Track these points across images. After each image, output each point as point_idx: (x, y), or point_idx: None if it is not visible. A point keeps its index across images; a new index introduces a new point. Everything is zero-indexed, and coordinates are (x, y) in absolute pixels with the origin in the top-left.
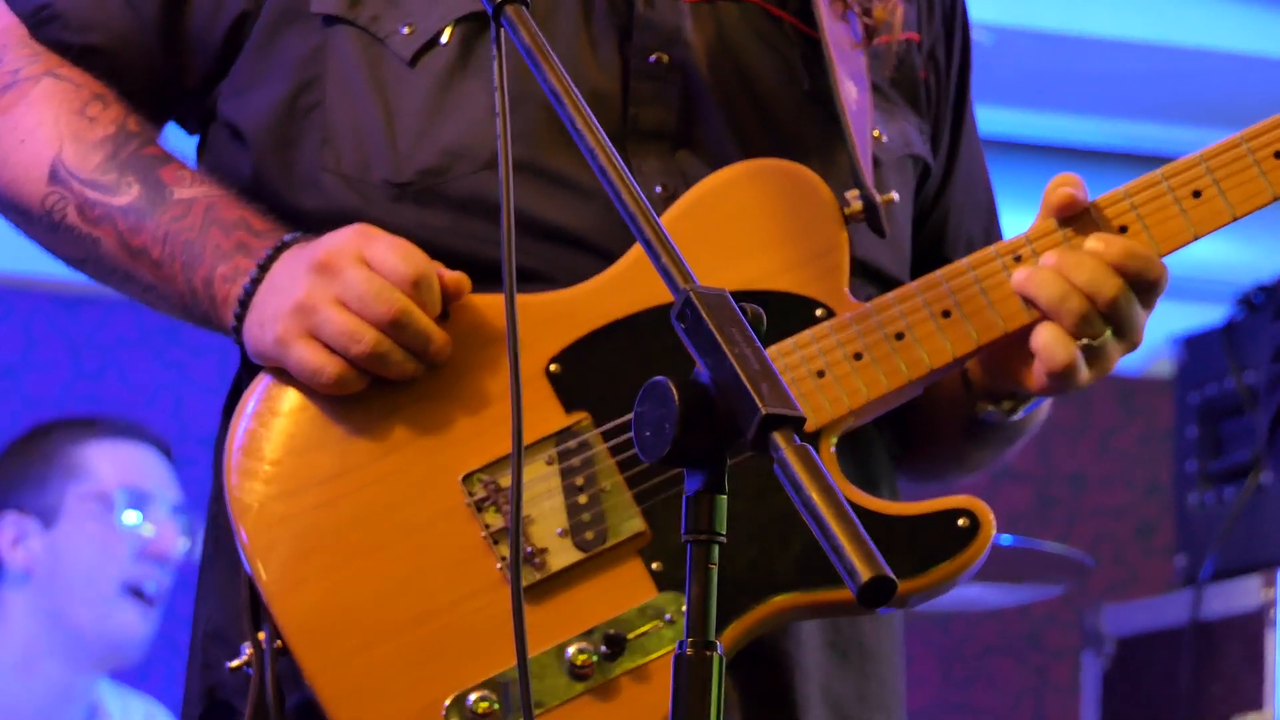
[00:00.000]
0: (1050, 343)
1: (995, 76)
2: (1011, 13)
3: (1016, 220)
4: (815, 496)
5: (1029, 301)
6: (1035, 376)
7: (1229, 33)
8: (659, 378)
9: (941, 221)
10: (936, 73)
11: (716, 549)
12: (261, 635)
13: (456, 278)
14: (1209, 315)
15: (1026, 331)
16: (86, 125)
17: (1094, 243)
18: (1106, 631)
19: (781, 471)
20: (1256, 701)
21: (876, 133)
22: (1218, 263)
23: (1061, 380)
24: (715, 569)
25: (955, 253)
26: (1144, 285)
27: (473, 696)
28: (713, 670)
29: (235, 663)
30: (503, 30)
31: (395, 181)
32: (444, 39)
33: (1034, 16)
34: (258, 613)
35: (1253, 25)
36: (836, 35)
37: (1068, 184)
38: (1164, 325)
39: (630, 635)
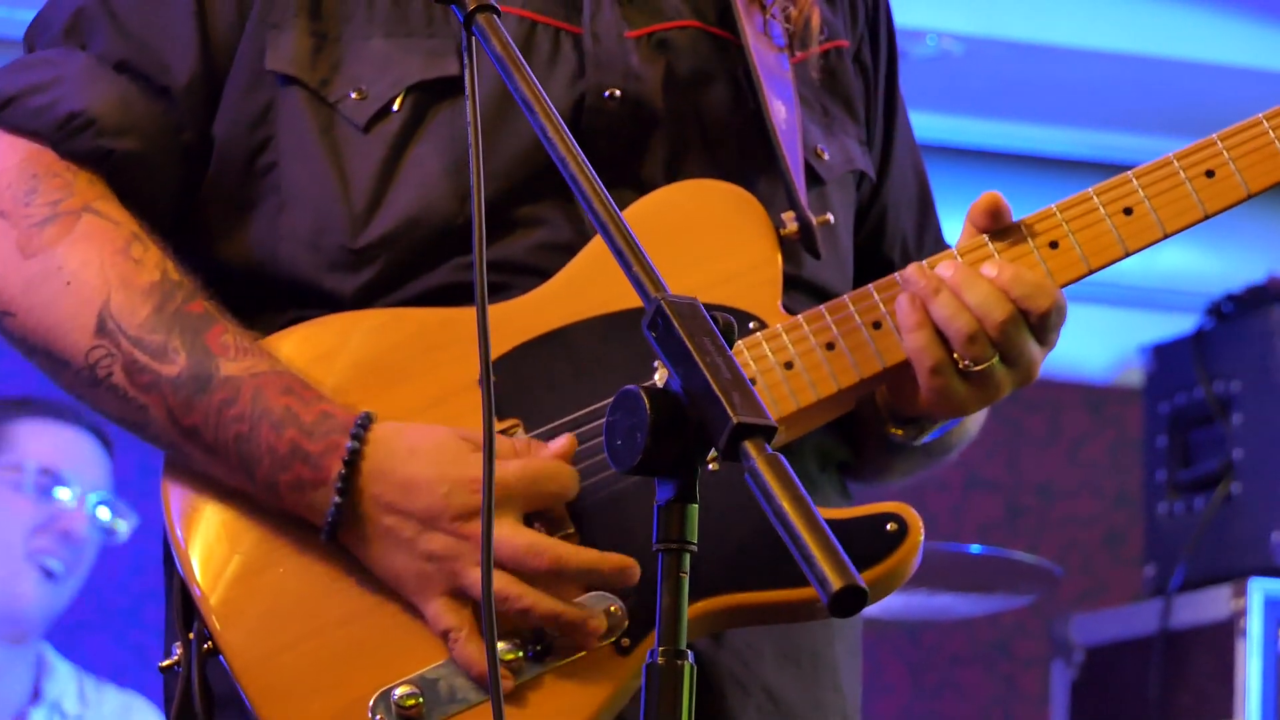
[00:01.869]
0: (919, 348)
1: (965, 86)
2: (981, 22)
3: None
4: (786, 506)
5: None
6: (918, 393)
7: (1199, 42)
8: (630, 386)
9: (879, 220)
10: (865, 76)
11: (688, 558)
12: (191, 635)
13: (565, 449)
14: (1179, 325)
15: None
16: (133, 268)
17: (989, 267)
18: (1076, 641)
19: (753, 480)
20: (1226, 711)
21: (818, 150)
22: (1187, 273)
23: (939, 391)
24: (686, 578)
25: (893, 250)
26: (1033, 314)
27: (398, 691)
28: (684, 679)
29: (165, 662)
30: (474, 39)
31: (351, 248)
32: (396, 106)
33: (1003, 26)
34: (189, 613)
35: (1222, 35)
36: (763, 54)
37: (991, 195)
38: (1134, 334)
39: (559, 635)
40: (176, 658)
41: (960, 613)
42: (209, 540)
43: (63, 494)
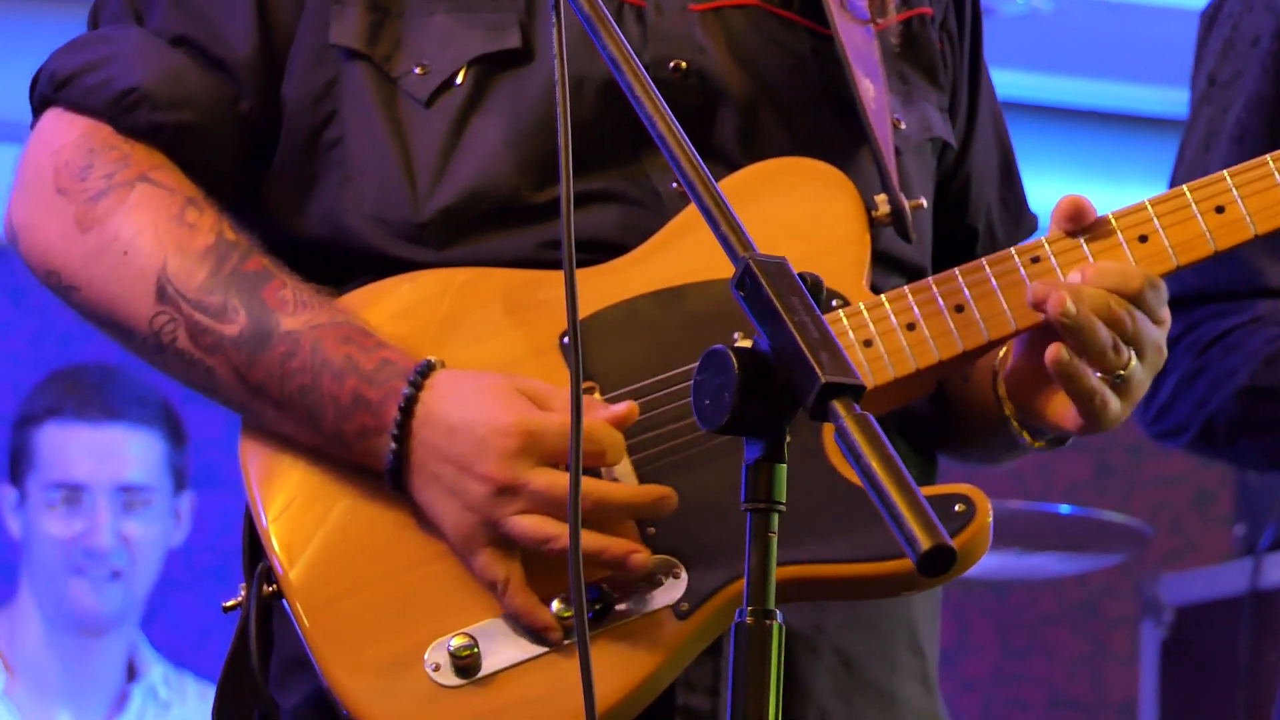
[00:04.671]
0: (1082, 391)
1: (1054, 44)
2: None
3: (1079, 188)
4: (875, 465)
5: (1064, 337)
6: (1074, 419)
7: None
8: (718, 346)
9: (963, 189)
10: (950, 43)
11: (776, 518)
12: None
13: (623, 415)
14: None
15: (1041, 355)
16: (188, 233)
17: (1075, 274)
18: (1165, 600)
19: (841, 440)
20: None
21: (896, 120)
22: None
23: (1097, 416)
24: (774, 538)
25: (977, 220)
26: (1131, 299)
27: (454, 642)
28: (773, 639)
29: (229, 603)
30: None
31: (415, 221)
32: (458, 80)
33: None
34: (256, 555)
35: None
36: (849, 31)
37: (1071, 201)
38: None
39: (618, 595)
40: (240, 599)
41: (1049, 573)
42: (280, 487)
43: (80, 507)
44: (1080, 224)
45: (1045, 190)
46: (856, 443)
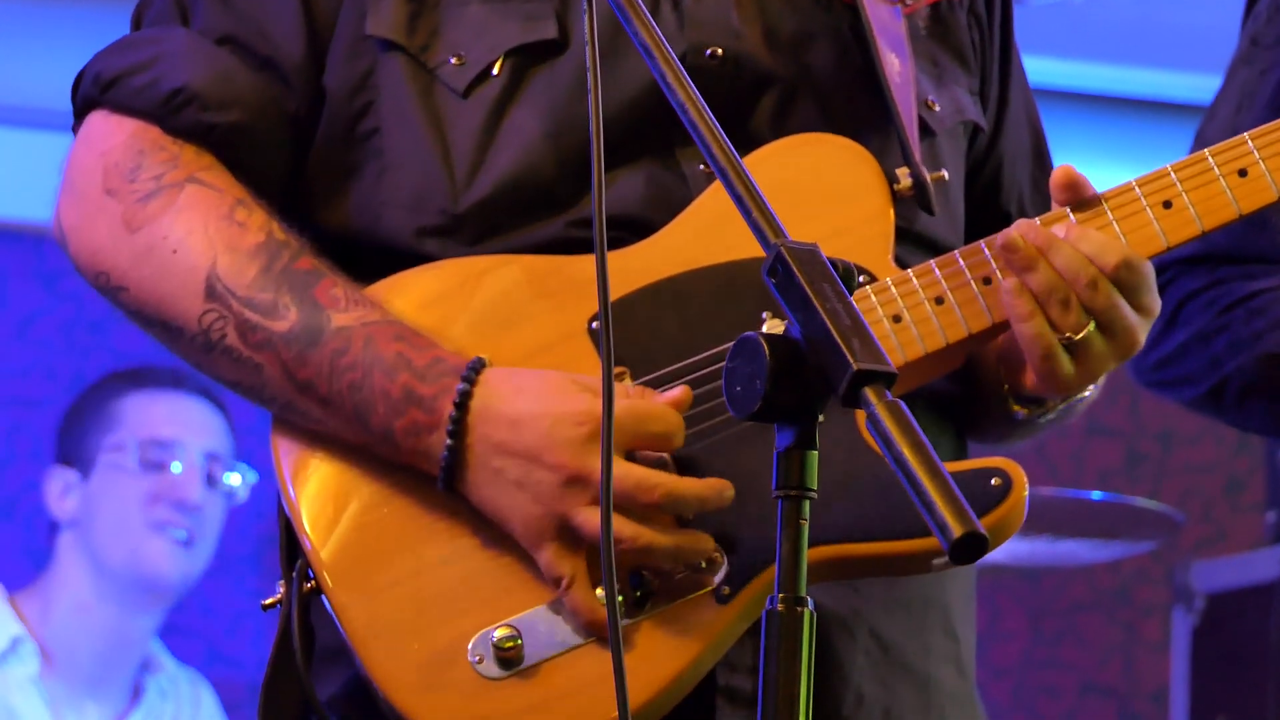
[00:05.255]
0: (1029, 338)
1: (1085, 30)
2: None
3: (1111, 175)
4: (907, 452)
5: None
6: (1028, 374)
7: None
8: (750, 333)
9: (995, 172)
10: (980, 26)
11: (807, 505)
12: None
13: (678, 399)
14: None
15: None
16: (238, 232)
17: (1058, 229)
18: (1196, 587)
19: (873, 427)
20: None
21: (929, 101)
22: None
23: (1048, 375)
24: (806, 525)
25: (1010, 203)
26: (1107, 270)
27: (497, 634)
28: (804, 626)
29: (268, 601)
30: None
31: (453, 212)
32: (495, 71)
33: None
34: (293, 552)
35: None
36: (875, 9)
37: (1063, 171)
38: None
39: (659, 581)
40: (279, 596)
41: (1080, 559)
42: (315, 482)
43: (172, 463)
44: (1076, 195)
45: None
46: (889, 430)
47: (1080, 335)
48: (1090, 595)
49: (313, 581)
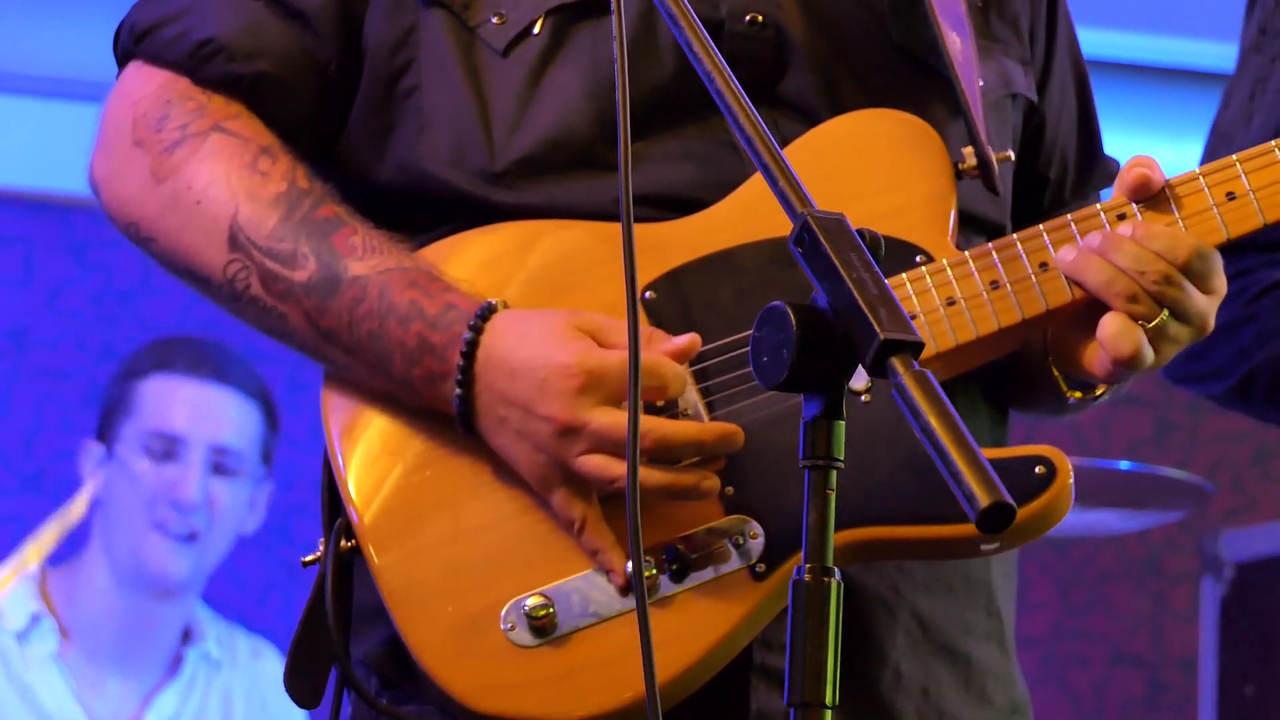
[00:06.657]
0: (1115, 334)
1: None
2: None
3: (1155, 146)
4: (934, 422)
5: (1076, 284)
6: (1101, 364)
7: None
8: (776, 303)
9: (1035, 135)
10: None
11: (834, 475)
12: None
13: (685, 347)
14: None
15: (1097, 314)
16: (259, 181)
17: (1125, 226)
18: (1225, 557)
19: (900, 397)
20: None
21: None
22: None
23: (1129, 368)
24: (833, 495)
25: (1049, 168)
26: (1183, 267)
27: (530, 602)
28: (831, 596)
29: (309, 557)
30: None
31: (491, 170)
32: (536, 29)
33: None
34: (335, 509)
35: None
36: None
37: (1141, 164)
38: None
39: (695, 555)
40: (319, 554)
41: (1109, 529)
42: (362, 441)
43: (176, 459)
44: (1148, 192)
45: (1118, 149)
46: (915, 400)
47: (1154, 324)
48: (1119, 565)
49: (353, 540)
